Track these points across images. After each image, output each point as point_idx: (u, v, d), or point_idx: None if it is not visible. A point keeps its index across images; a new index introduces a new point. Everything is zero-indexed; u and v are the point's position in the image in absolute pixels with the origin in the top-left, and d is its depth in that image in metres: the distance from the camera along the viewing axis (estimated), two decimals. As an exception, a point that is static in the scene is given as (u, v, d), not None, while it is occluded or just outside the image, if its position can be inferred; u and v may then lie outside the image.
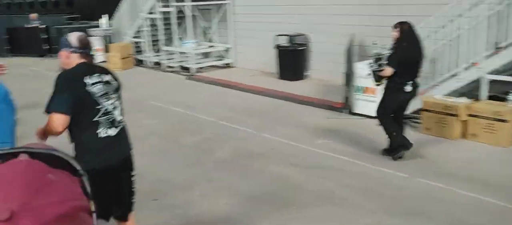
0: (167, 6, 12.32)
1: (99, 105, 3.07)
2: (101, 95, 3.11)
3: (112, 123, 3.16)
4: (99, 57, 14.44)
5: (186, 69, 12.17)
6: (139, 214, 4.60)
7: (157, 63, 13.25)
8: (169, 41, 13.41)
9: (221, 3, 12.24)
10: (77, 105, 2.99)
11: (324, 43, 9.78)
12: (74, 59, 3.14)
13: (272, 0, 10.88)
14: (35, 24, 16.51)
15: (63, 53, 3.18)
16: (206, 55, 13.19)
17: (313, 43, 10.32)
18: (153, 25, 13.26)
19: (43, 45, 16.07)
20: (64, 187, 0.77)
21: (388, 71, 5.36)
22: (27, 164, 0.77)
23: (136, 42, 14.03)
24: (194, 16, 12.41)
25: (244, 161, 5.86)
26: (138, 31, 13.86)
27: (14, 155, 0.81)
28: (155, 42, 13.56)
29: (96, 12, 17.11)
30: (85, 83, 3.03)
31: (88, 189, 0.84)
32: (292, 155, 5.99)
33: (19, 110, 3.49)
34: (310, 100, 8.49)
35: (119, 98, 3.37)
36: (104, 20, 14.84)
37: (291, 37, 10.23)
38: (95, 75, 3.14)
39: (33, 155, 0.82)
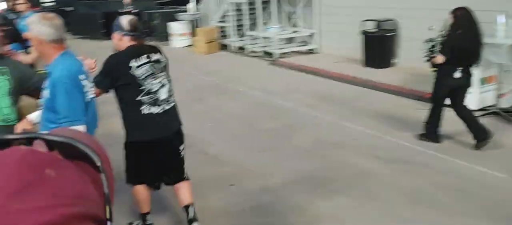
0: (253, -9, 12.27)
1: (142, 86, 3.33)
2: (147, 76, 3.35)
3: (155, 102, 3.38)
4: (185, 41, 14.89)
5: (269, 54, 12.08)
6: (214, 197, 4.59)
7: (241, 48, 13.29)
8: (253, 26, 13.39)
9: (307, -13, 11.94)
10: (121, 86, 3.37)
11: (414, 29, 9.12)
12: (125, 42, 3.40)
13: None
14: (128, 8, 17.32)
15: (116, 35, 3.44)
16: (289, 40, 12.98)
17: (402, 29, 9.70)
18: (239, 10, 13.30)
19: (135, 28, 16.78)
20: (62, 188, 0.59)
21: (439, 58, 5.25)
22: (21, 155, 0.61)
23: (222, 27, 14.17)
24: (278, 1, 12.23)
25: (323, 150, 5.61)
26: (224, 16, 13.99)
27: (29, 142, 0.66)
28: (239, 27, 13.60)
29: (185, -3, 17.59)
30: (130, 66, 3.29)
31: (105, 189, 0.66)
32: (375, 147, 5.63)
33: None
34: (397, 89, 7.98)
35: (167, 75, 3.57)
36: (191, 5, 15.18)
37: (379, 23, 9.69)
38: (143, 56, 3.36)
39: (50, 143, 0.66)
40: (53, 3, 22.53)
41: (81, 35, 17.81)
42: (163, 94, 3.44)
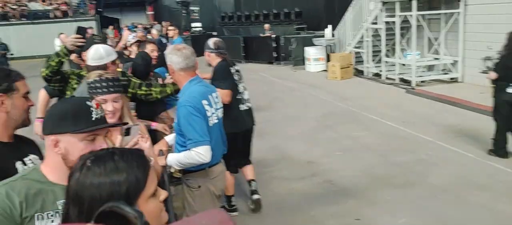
0: (392, 16, 11.87)
1: (238, 86, 4.52)
2: (238, 80, 4.55)
3: (241, 101, 4.54)
4: (320, 66, 14.96)
5: (406, 82, 11.52)
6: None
7: (377, 74, 12.91)
8: (390, 52, 12.93)
9: (451, 12, 11.17)
10: (233, 87, 4.39)
11: None
12: (213, 57, 4.47)
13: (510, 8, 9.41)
14: (268, 33, 18.05)
15: (206, 53, 4.52)
16: (429, 68, 12.26)
17: None
18: (376, 35, 12.97)
19: (272, 53, 17.38)
20: None
21: (492, 75, 5.90)
22: None
23: (357, 52, 13.96)
24: (418, 26, 11.65)
25: (463, 191, 5.11)
26: (360, 41, 13.76)
27: None
28: (376, 52, 13.25)
29: (322, 22, 17.76)
30: (231, 72, 4.44)
31: None
32: (526, 192, 4.95)
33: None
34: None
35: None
36: (328, 30, 15.24)
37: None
38: (233, 67, 4.55)
39: None
40: (200, 28, 24.50)
41: (223, 58, 18.96)
42: (245, 95, 4.63)
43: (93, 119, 1.60)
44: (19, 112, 2.02)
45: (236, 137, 4.31)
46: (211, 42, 4.50)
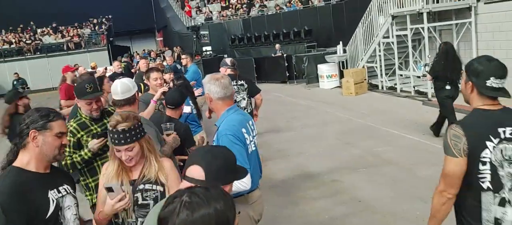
0: (404, 29, 11.97)
1: (236, 96, 5.79)
2: (237, 91, 5.93)
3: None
4: (334, 83, 15.05)
5: (422, 93, 11.54)
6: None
7: (392, 88, 12.96)
8: (403, 64, 12.99)
9: (462, 22, 11.24)
10: None
11: None
12: (229, 72, 5.97)
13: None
14: (279, 53, 18.23)
15: (222, 69, 6.00)
16: (444, 78, 12.28)
17: None
18: (388, 49, 13.06)
19: (285, 72, 17.52)
20: None
21: (428, 77, 7.89)
22: None
23: (370, 67, 14.03)
24: (430, 37, 11.72)
25: (491, 201, 5.10)
26: (372, 56, 13.85)
27: None
28: (389, 66, 13.32)
29: (332, 39, 17.94)
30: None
31: None
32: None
33: (263, 134, 3.88)
34: None
35: (247, 93, 6.24)
36: (339, 47, 15.37)
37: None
38: (237, 80, 5.92)
39: None
40: (210, 52, 24.78)
41: (235, 80, 19.14)
42: (242, 104, 5.85)
43: None
44: (49, 149, 2.21)
45: None
46: (228, 60, 6.38)
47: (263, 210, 3.26)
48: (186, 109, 4.89)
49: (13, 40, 30.94)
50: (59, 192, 2.26)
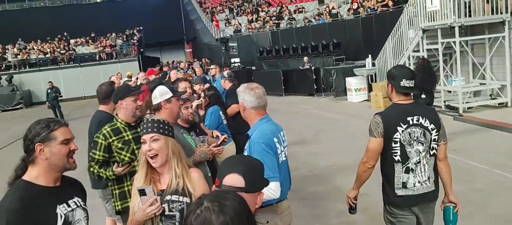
0: (434, 43, 11.82)
1: None
2: None
3: None
4: (362, 96, 14.94)
5: (453, 108, 11.34)
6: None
7: (421, 102, 12.76)
8: (434, 79, 12.80)
9: (495, 36, 11.03)
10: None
11: None
12: (227, 83, 6.80)
13: None
14: (307, 66, 18.24)
15: (222, 81, 6.83)
16: (475, 93, 12.04)
17: None
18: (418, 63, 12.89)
19: (313, 85, 17.49)
20: None
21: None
22: None
23: (399, 81, 13.86)
24: (462, 52, 11.53)
25: (526, 220, 4.98)
26: (402, 70, 13.67)
27: None
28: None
29: (361, 52, 17.84)
30: None
31: None
32: None
33: (290, 146, 3.84)
34: None
35: None
36: (368, 60, 15.27)
37: None
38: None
39: None
40: (238, 64, 25.00)
41: (263, 91, 19.23)
42: None
43: None
44: (58, 159, 2.17)
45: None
46: (225, 72, 7.20)
47: (291, 222, 3.28)
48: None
49: (48, 50, 31.97)
50: (68, 206, 2.23)
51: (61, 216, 2.16)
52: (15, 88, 28.27)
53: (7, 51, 32.28)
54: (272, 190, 2.86)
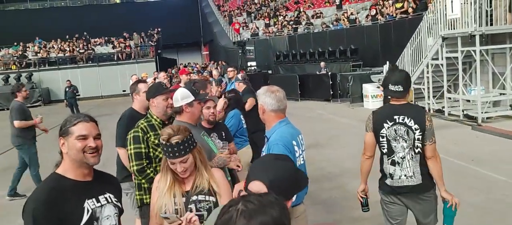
0: (454, 51, 11.67)
1: None
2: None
3: None
4: (379, 103, 14.82)
5: (471, 118, 11.17)
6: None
7: (439, 110, 12.61)
8: (452, 87, 12.64)
9: (518, 46, 10.86)
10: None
11: None
12: (241, 86, 7.10)
13: None
14: (323, 71, 18.17)
15: (236, 83, 7.23)
16: (495, 103, 11.84)
17: None
18: (436, 71, 12.76)
19: (329, 90, 17.41)
20: None
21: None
22: None
23: (417, 88, 13.73)
24: (482, 61, 11.36)
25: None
26: (420, 77, 13.56)
27: None
28: (437, 88, 12.99)
29: (379, 58, 17.72)
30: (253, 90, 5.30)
31: None
32: None
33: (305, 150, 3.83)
34: None
35: None
36: (386, 67, 15.14)
37: None
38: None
39: None
40: (255, 67, 25.04)
41: (279, 96, 19.25)
42: None
43: None
44: (74, 153, 2.20)
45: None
46: (239, 75, 8.27)
47: (306, 225, 3.26)
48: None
49: (67, 49, 32.42)
50: (98, 201, 2.24)
51: (88, 211, 2.18)
52: (34, 85, 28.74)
53: (27, 49, 32.83)
54: None
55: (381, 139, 3.48)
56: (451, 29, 11.64)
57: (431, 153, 3.46)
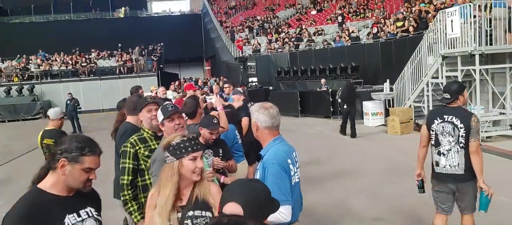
0: (454, 70, 11.70)
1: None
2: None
3: None
4: (378, 121, 14.81)
5: (471, 137, 11.14)
6: None
7: (438, 129, 12.58)
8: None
9: (518, 66, 10.88)
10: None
11: None
12: (238, 97, 7.13)
13: None
14: (324, 88, 18.19)
15: (235, 96, 7.03)
16: (495, 123, 11.83)
17: None
18: (436, 90, 12.77)
19: (329, 107, 17.41)
20: None
21: (339, 100, 13.72)
22: None
23: (417, 107, 13.74)
24: (482, 80, 11.38)
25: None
26: (420, 95, 13.57)
27: None
28: (437, 106, 12.97)
29: (379, 76, 17.74)
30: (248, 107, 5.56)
31: None
32: None
33: (303, 166, 3.81)
34: None
35: None
36: (386, 84, 15.18)
37: None
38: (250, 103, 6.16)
39: None
40: (256, 83, 25.07)
41: (280, 111, 19.25)
42: None
43: None
44: (74, 182, 2.17)
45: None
46: (236, 89, 8.25)
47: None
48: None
49: (70, 62, 32.54)
50: (79, 216, 2.20)
51: None
52: (36, 97, 28.79)
53: (30, 61, 32.97)
54: (283, 214, 2.79)
55: (431, 133, 4.34)
56: (451, 48, 11.69)
57: (474, 149, 4.10)
